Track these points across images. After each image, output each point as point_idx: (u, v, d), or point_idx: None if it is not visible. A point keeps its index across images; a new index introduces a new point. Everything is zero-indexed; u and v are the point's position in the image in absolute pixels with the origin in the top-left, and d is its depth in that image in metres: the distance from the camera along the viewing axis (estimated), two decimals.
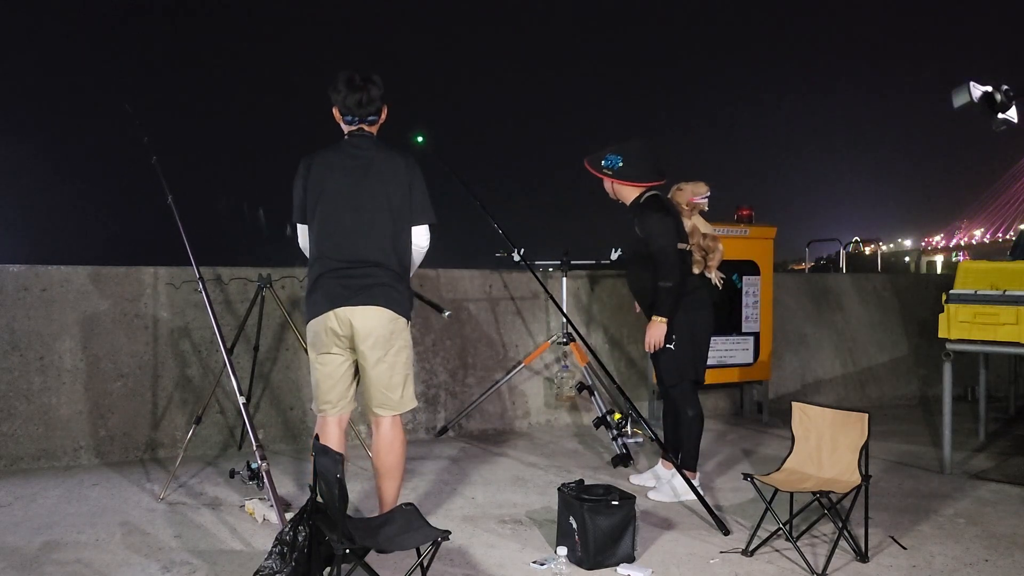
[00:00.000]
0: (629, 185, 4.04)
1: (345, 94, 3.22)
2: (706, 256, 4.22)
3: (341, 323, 3.17)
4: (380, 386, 3.26)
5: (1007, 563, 3.29)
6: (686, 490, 3.91)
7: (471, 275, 5.88)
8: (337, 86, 3.23)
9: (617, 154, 4.03)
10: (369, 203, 3.19)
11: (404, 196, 3.24)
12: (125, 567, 3.11)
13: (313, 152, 3.29)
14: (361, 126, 3.27)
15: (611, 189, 4.13)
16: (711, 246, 4.23)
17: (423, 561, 2.61)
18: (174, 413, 4.87)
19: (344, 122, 3.28)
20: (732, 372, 5.96)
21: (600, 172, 4.07)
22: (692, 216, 4.24)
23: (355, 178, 3.21)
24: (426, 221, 3.30)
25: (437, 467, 4.71)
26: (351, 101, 3.22)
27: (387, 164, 3.24)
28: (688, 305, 4.03)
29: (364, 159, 3.23)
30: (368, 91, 3.23)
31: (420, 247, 3.33)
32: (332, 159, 3.24)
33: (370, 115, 3.26)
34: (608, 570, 3.12)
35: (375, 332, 3.19)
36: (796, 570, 3.17)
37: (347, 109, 3.24)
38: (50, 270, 4.70)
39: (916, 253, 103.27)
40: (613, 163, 4.03)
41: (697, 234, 4.21)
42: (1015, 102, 2.16)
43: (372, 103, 3.24)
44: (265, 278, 4.46)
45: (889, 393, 7.24)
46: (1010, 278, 4.56)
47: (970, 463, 4.93)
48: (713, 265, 4.23)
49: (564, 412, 5.98)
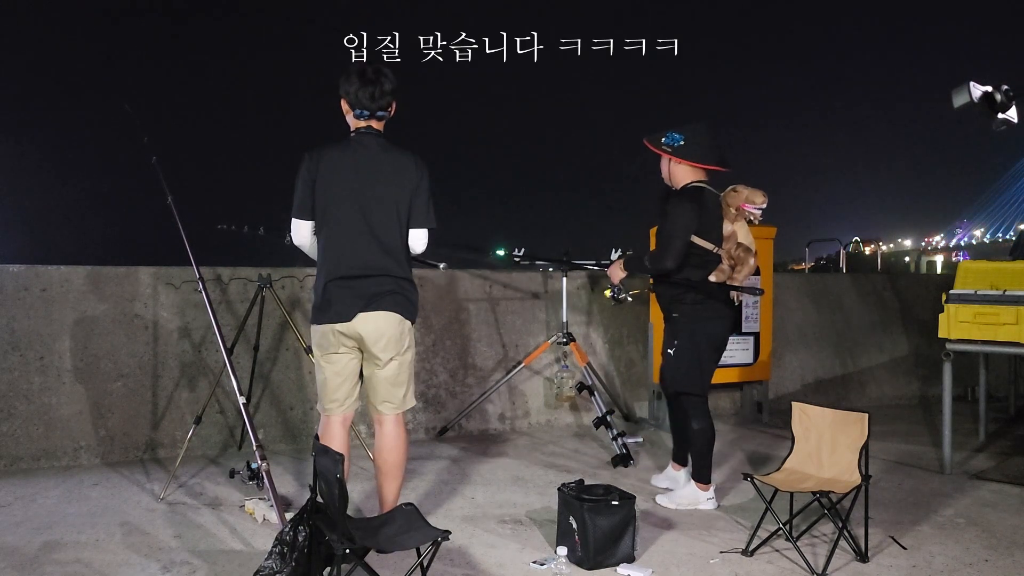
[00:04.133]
0: (686, 164, 3.84)
1: (357, 86, 3.16)
2: (734, 267, 3.97)
3: (348, 328, 3.16)
4: (388, 384, 3.27)
5: (1007, 563, 3.29)
6: (695, 501, 3.87)
7: (471, 275, 5.88)
8: (349, 78, 3.18)
9: (679, 132, 3.85)
10: (378, 206, 3.16)
11: (410, 197, 3.21)
12: (125, 567, 3.11)
13: (318, 147, 3.22)
14: (370, 122, 3.22)
15: (667, 170, 3.94)
16: (741, 257, 3.97)
17: (423, 561, 2.61)
18: (174, 413, 4.87)
19: (353, 115, 3.22)
20: (732, 372, 5.95)
21: (659, 149, 3.89)
22: (736, 221, 3.99)
23: (364, 180, 3.16)
24: (426, 225, 3.26)
25: (437, 467, 4.71)
26: (363, 94, 3.16)
27: (396, 164, 3.20)
28: (696, 314, 3.85)
29: (373, 159, 3.18)
30: (381, 84, 3.17)
31: (415, 251, 3.29)
32: (340, 158, 3.18)
33: (381, 109, 3.21)
34: (608, 570, 3.12)
35: (386, 334, 3.19)
36: (796, 570, 3.17)
37: (358, 102, 3.18)
38: (50, 270, 4.70)
39: (916, 253, 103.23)
40: (674, 141, 3.84)
41: (732, 241, 3.97)
42: (1015, 102, 2.16)
43: (384, 96, 3.19)
44: (265, 278, 4.46)
45: (889, 393, 7.23)
46: (1010, 278, 4.56)
47: (970, 463, 4.93)
48: (739, 278, 3.97)
49: (564, 412, 5.97)
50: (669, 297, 3.94)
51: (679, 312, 3.90)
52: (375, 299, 3.15)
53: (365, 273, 3.15)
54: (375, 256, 3.16)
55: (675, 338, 3.91)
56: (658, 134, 3.92)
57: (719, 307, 3.91)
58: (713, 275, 3.89)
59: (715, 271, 3.89)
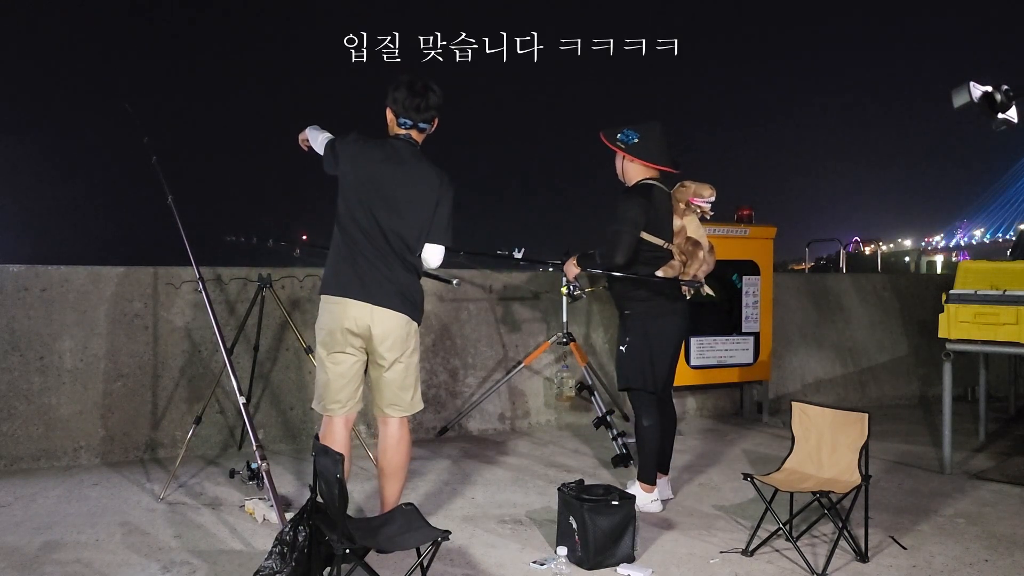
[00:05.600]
0: (638, 163, 3.89)
1: (406, 96, 3.23)
2: (685, 262, 3.94)
3: (358, 324, 3.17)
4: (394, 387, 3.28)
5: (1007, 563, 3.29)
6: (640, 503, 3.68)
7: (471, 275, 5.88)
8: (398, 87, 3.24)
9: (634, 130, 3.90)
10: (401, 208, 3.20)
11: (430, 209, 3.26)
12: (125, 567, 3.11)
13: (365, 137, 3.29)
14: (411, 132, 3.28)
15: (620, 167, 3.99)
16: (691, 251, 3.95)
17: (423, 561, 2.61)
18: (174, 413, 4.87)
19: (396, 124, 3.28)
20: (732, 372, 5.96)
21: (613, 145, 3.93)
22: (685, 216, 3.99)
23: (397, 179, 3.21)
24: (442, 242, 3.31)
25: (437, 467, 4.71)
26: (410, 104, 3.23)
27: (424, 174, 3.26)
28: (647, 311, 3.86)
29: (402, 165, 3.24)
30: (428, 98, 3.25)
31: (428, 265, 3.34)
32: (378, 154, 3.24)
33: (424, 121, 3.28)
34: (608, 570, 3.12)
35: (393, 334, 3.21)
36: (796, 570, 3.17)
37: (404, 111, 3.25)
38: (50, 270, 4.70)
39: (916, 253, 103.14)
40: (628, 138, 3.89)
41: (683, 236, 3.97)
42: (1015, 102, 2.16)
43: (429, 110, 3.27)
44: (265, 278, 4.46)
45: (889, 393, 7.23)
46: (1010, 278, 4.56)
47: (970, 463, 4.93)
48: (691, 272, 3.92)
49: (564, 412, 5.98)
50: (621, 294, 3.96)
51: (631, 309, 3.92)
52: (385, 290, 3.18)
53: (375, 262, 3.18)
54: (386, 253, 3.19)
55: (627, 335, 3.92)
56: (614, 129, 3.94)
57: (671, 303, 3.89)
58: (662, 270, 3.85)
59: (666, 267, 3.88)
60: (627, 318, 3.95)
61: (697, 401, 6.41)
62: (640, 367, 3.86)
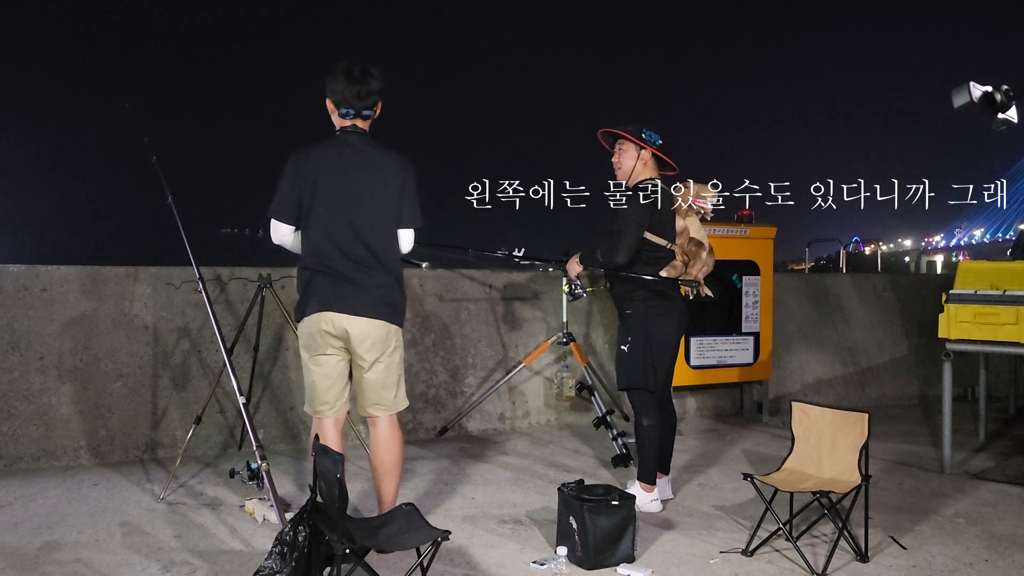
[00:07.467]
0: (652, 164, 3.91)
1: (345, 85, 3.15)
2: (687, 262, 3.95)
3: (335, 327, 3.15)
4: (376, 387, 3.26)
5: (1007, 563, 3.29)
6: (639, 503, 3.64)
7: (471, 275, 5.88)
8: (336, 77, 3.16)
9: (655, 132, 3.91)
10: (364, 206, 3.15)
11: (396, 196, 3.20)
12: (125, 567, 3.11)
13: (303, 147, 3.20)
14: (355, 121, 3.20)
15: (629, 165, 3.93)
16: (694, 252, 3.95)
17: (423, 561, 2.61)
18: (174, 413, 4.87)
19: (338, 114, 3.20)
20: (732, 372, 5.96)
21: (642, 141, 3.89)
22: (688, 216, 3.98)
23: (352, 177, 3.15)
24: (412, 225, 3.26)
25: (437, 467, 4.71)
26: (349, 93, 3.15)
27: (382, 162, 3.20)
28: (647, 311, 3.86)
29: (360, 157, 3.18)
30: (367, 83, 3.16)
31: (402, 250, 3.28)
32: (327, 156, 3.17)
33: (367, 108, 3.20)
34: (608, 570, 3.12)
35: (371, 336, 3.18)
36: (796, 570, 3.17)
37: (344, 101, 3.16)
38: (50, 270, 4.70)
39: (916, 253, 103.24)
40: (654, 139, 3.90)
41: (685, 236, 3.96)
42: (1015, 102, 2.16)
43: (371, 96, 3.18)
44: (265, 278, 4.46)
45: (889, 393, 7.23)
46: (1010, 278, 4.56)
47: (970, 463, 4.93)
48: (693, 272, 3.93)
49: (564, 412, 5.98)
50: (621, 294, 3.96)
51: (632, 309, 3.92)
52: (360, 298, 3.14)
53: (349, 272, 3.14)
54: (360, 256, 3.14)
55: (628, 334, 3.91)
56: (636, 126, 3.92)
57: (671, 303, 3.90)
58: (665, 271, 3.87)
59: (668, 267, 3.89)
60: (628, 318, 3.95)
61: (697, 401, 6.41)
62: (641, 367, 3.86)
